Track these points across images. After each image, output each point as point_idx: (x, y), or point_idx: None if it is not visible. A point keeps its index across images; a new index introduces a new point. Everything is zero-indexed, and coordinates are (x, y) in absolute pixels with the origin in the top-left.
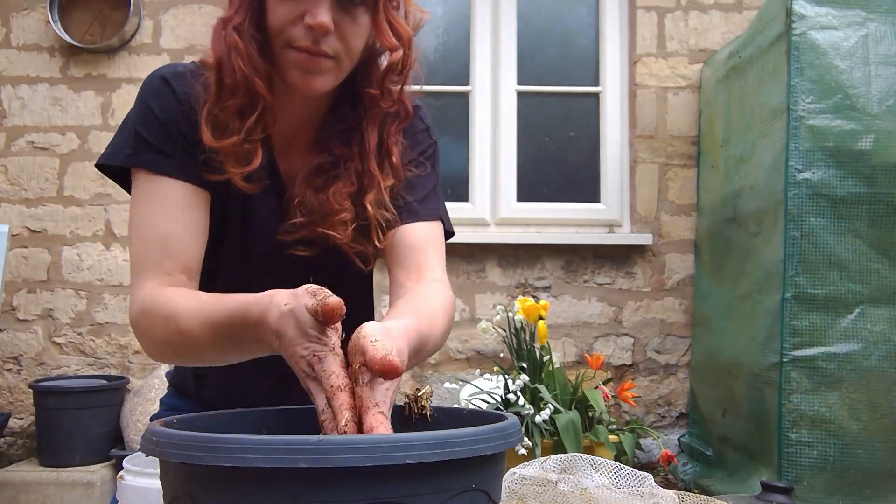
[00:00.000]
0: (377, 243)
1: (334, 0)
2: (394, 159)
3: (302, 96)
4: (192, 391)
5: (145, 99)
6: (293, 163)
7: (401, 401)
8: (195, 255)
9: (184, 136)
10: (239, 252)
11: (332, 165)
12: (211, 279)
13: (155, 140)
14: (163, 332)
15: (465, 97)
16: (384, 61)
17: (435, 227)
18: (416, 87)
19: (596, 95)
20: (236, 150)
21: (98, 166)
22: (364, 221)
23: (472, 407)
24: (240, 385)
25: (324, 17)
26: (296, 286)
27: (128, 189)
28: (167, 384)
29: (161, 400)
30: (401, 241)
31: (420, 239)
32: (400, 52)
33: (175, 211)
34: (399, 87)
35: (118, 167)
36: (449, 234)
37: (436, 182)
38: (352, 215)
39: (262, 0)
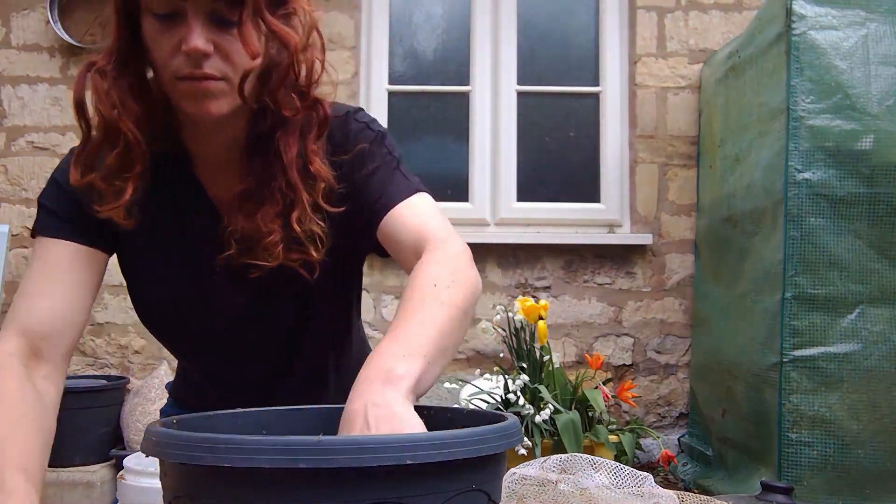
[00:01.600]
0: (314, 255)
1: (207, 23)
2: (313, 167)
3: (205, 123)
4: (192, 402)
5: (54, 174)
6: (223, 189)
7: None
8: (62, 314)
9: (83, 204)
10: (194, 286)
11: (259, 188)
12: (176, 330)
13: (53, 206)
14: None
15: (465, 97)
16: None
17: (414, 201)
18: (417, 88)
19: (596, 95)
20: (106, 186)
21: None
22: (292, 241)
23: (472, 407)
24: (238, 395)
25: (196, 41)
26: (260, 305)
27: None
28: (167, 395)
29: (161, 410)
30: (388, 233)
31: (405, 221)
32: (284, 57)
33: (52, 270)
34: (298, 92)
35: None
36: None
37: (395, 166)
38: (279, 236)
39: (137, 44)
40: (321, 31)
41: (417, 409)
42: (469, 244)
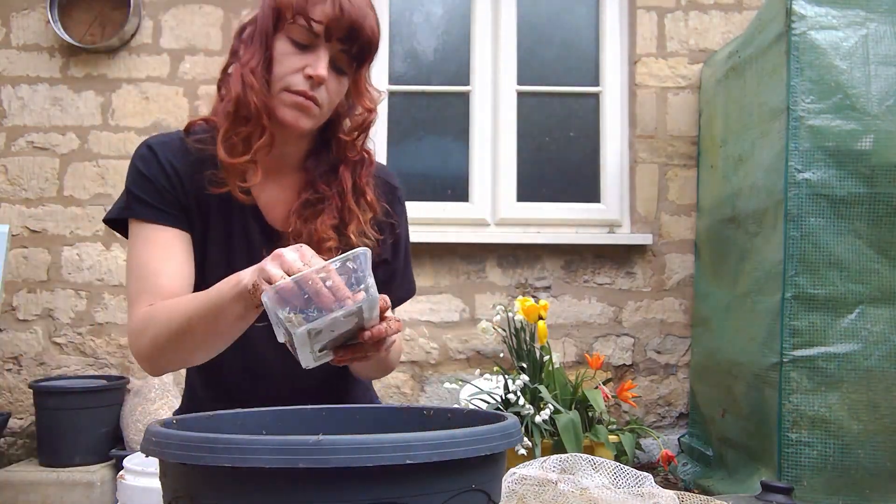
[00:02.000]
0: None
1: (330, 63)
2: (368, 197)
3: (286, 133)
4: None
5: (135, 163)
6: (272, 194)
7: (391, 398)
8: (182, 285)
9: (167, 192)
10: (222, 273)
11: (318, 201)
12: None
13: (144, 195)
14: (162, 326)
15: (465, 97)
16: (357, 118)
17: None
18: (417, 88)
19: (596, 95)
20: (243, 167)
21: (105, 221)
22: (348, 249)
23: (471, 407)
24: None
25: (323, 70)
26: None
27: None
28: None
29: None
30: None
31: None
32: (373, 115)
33: (161, 251)
34: (363, 140)
35: (120, 220)
36: (413, 292)
37: (407, 261)
38: (336, 243)
39: (271, 52)
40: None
41: (417, 409)
42: (469, 244)
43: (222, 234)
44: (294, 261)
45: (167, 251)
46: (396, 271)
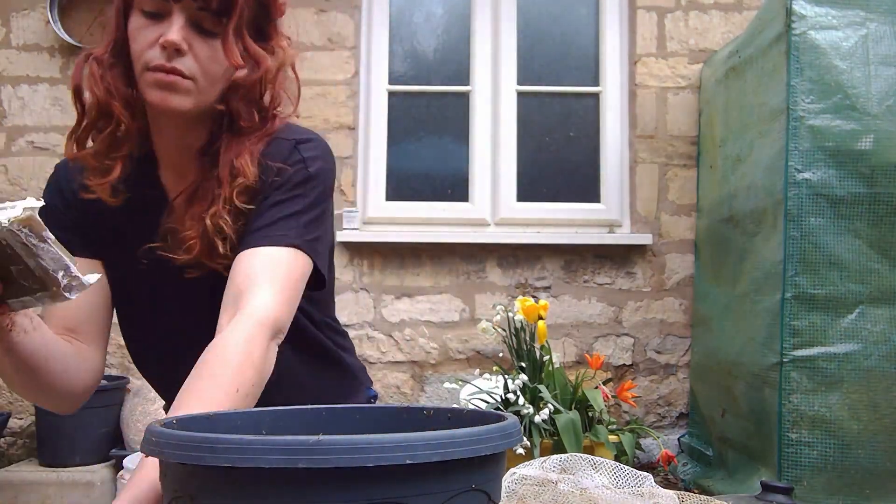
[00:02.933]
0: (222, 251)
1: (188, 25)
2: (238, 160)
3: (167, 116)
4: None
5: (45, 192)
6: (176, 187)
7: None
8: (87, 314)
9: (66, 215)
10: (138, 282)
11: (196, 189)
12: (126, 317)
13: (49, 223)
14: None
15: (465, 97)
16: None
17: (277, 253)
18: (417, 88)
19: (596, 95)
20: (96, 163)
21: None
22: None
23: (471, 407)
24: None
25: (174, 35)
26: (202, 306)
27: None
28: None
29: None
30: (234, 265)
31: (251, 266)
32: (255, 73)
33: None
34: (255, 108)
35: None
36: (320, 282)
37: (297, 210)
38: (197, 233)
39: (125, 34)
40: (297, 72)
41: (416, 409)
42: (469, 244)
43: (138, 237)
44: None
45: None
46: (265, 210)
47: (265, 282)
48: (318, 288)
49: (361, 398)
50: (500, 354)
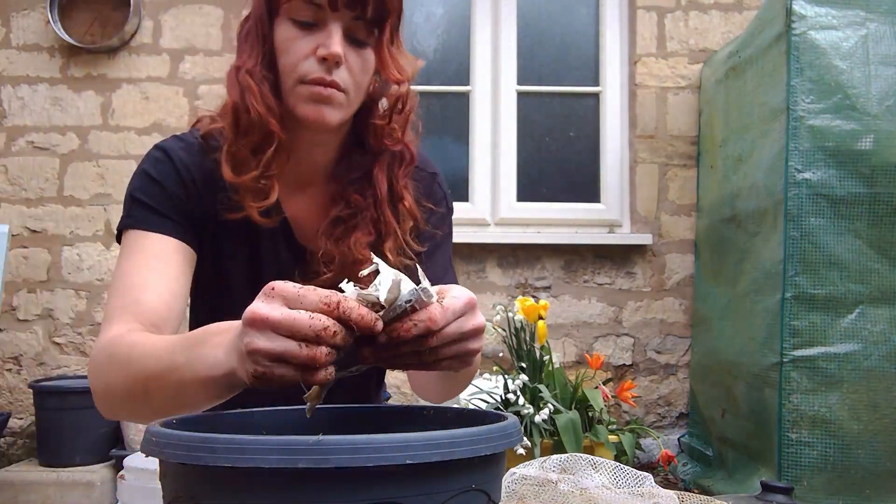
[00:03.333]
0: None
1: (345, 36)
2: (406, 203)
3: (314, 131)
4: None
5: (144, 167)
6: (301, 207)
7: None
8: (168, 305)
9: (178, 199)
10: (248, 292)
11: (350, 216)
12: (213, 306)
13: (150, 200)
14: (119, 371)
15: (465, 97)
16: (390, 95)
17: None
18: (417, 88)
19: (596, 95)
20: (254, 185)
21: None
22: None
23: (471, 407)
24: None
25: (336, 47)
26: None
27: None
28: None
29: None
30: None
31: None
32: (405, 87)
33: (153, 261)
34: (402, 124)
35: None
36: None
37: (450, 252)
38: (368, 261)
39: (273, 43)
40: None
41: (417, 409)
42: (469, 244)
43: (246, 256)
44: (283, 319)
45: (160, 262)
46: (437, 266)
47: None
48: None
49: (380, 398)
50: (501, 354)
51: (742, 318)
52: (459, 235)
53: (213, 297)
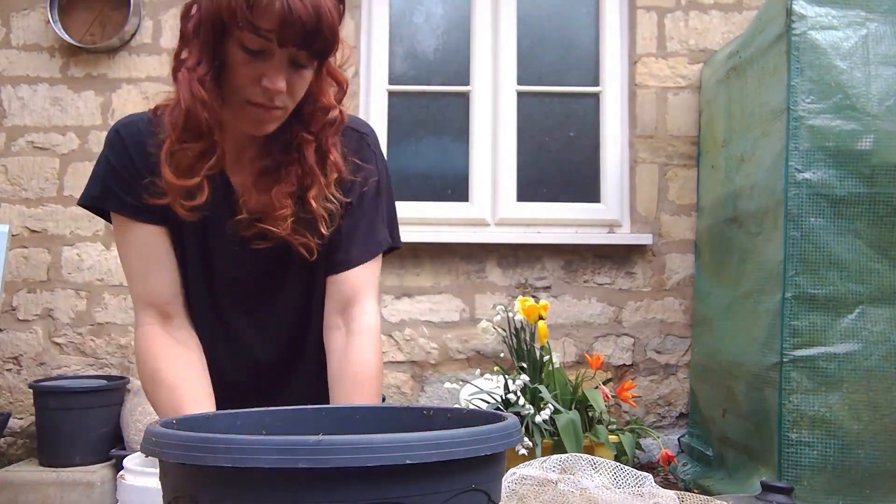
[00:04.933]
0: (323, 231)
1: (288, 62)
2: (331, 157)
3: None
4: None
5: (105, 153)
6: (240, 172)
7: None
8: (170, 285)
9: (136, 181)
10: (202, 254)
11: (275, 170)
12: (182, 276)
13: (118, 189)
14: (143, 376)
15: (465, 97)
16: (321, 105)
17: (369, 267)
18: (417, 88)
19: (596, 95)
20: (184, 186)
21: (82, 204)
22: (308, 216)
23: (472, 407)
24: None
25: (280, 83)
26: (252, 273)
27: (106, 219)
28: None
29: None
30: (334, 287)
31: (352, 285)
32: (335, 112)
33: (142, 252)
34: (331, 126)
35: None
36: (394, 248)
37: (381, 211)
38: (290, 211)
39: (223, 58)
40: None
41: (417, 409)
42: (469, 244)
43: (196, 223)
44: None
45: (148, 254)
46: (360, 221)
47: (370, 295)
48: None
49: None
50: (501, 354)
51: (742, 318)
52: (459, 235)
53: (177, 251)
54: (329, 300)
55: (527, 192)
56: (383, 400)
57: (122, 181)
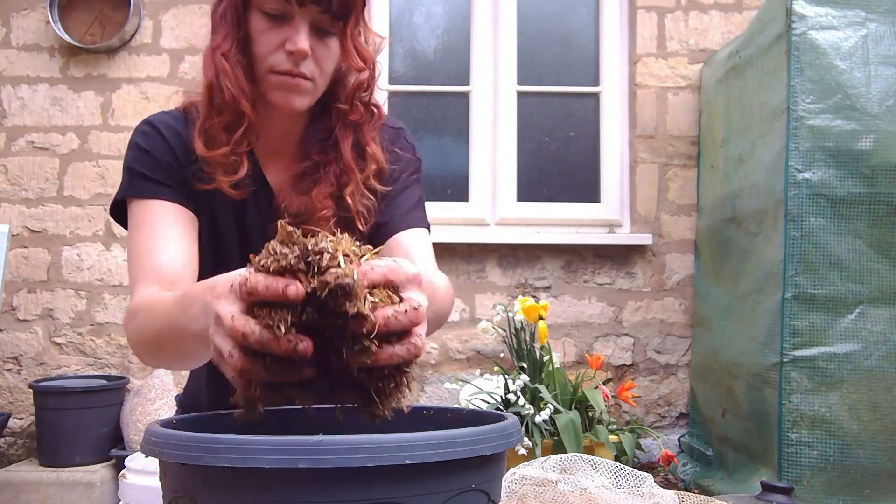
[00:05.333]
0: (361, 228)
1: (311, 27)
2: (369, 149)
3: (283, 114)
4: (207, 402)
5: (135, 140)
6: (279, 173)
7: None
8: (184, 265)
9: (171, 166)
10: (239, 256)
11: (313, 170)
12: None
13: (146, 170)
14: (140, 332)
15: (465, 97)
16: (352, 80)
17: (423, 234)
18: (417, 88)
19: (596, 95)
20: (225, 160)
21: (110, 213)
22: (347, 214)
23: (472, 407)
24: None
25: (303, 43)
26: None
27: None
28: (168, 397)
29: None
30: (391, 246)
31: (411, 244)
32: (366, 73)
33: (161, 228)
34: (366, 100)
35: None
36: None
37: (420, 195)
38: (332, 212)
39: (247, 30)
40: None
41: (417, 409)
42: (469, 244)
43: (234, 221)
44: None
45: (168, 228)
46: (400, 199)
47: (426, 256)
48: None
49: None
50: (501, 354)
51: (742, 318)
52: (459, 235)
53: (211, 258)
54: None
55: (527, 191)
56: None
57: (154, 165)
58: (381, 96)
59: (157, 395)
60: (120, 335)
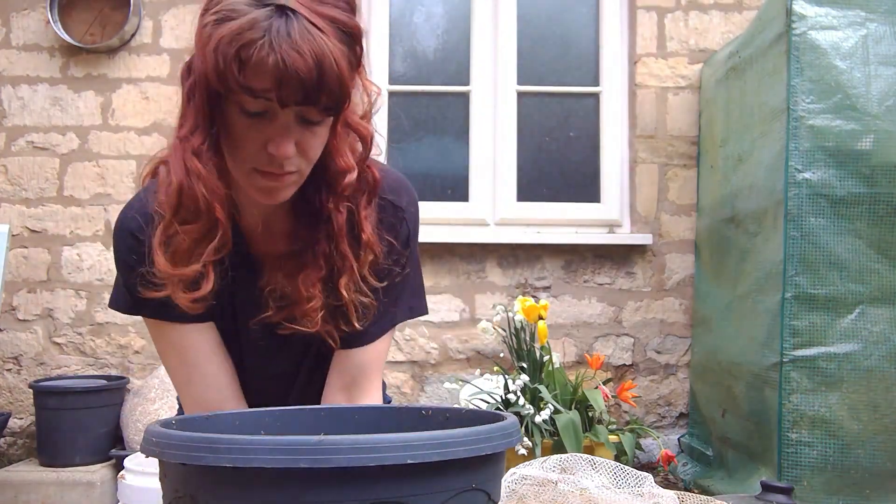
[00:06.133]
0: (356, 325)
1: (296, 121)
2: (364, 236)
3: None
4: None
5: (120, 251)
6: (266, 246)
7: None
8: (218, 387)
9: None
10: (231, 335)
11: (301, 252)
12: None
13: (152, 294)
14: None
15: (464, 97)
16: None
17: (381, 341)
18: (417, 88)
19: (596, 95)
20: (191, 277)
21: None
22: (338, 303)
23: (472, 407)
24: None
25: (288, 148)
26: (281, 359)
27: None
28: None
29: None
30: (340, 360)
31: (360, 362)
32: (352, 174)
33: (187, 354)
34: (355, 181)
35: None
36: (421, 313)
37: (412, 279)
38: (320, 302)
39: (223, 124)
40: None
41: (417, 409)
42: (469, 244)
43: (226, 293)
44: None
45: (191, 355)
46: (383, 298)
47: (377, 373)
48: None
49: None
50: (501, 354)
51: (742, 318)
52: (459, 235)
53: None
54: (333, 372)
55: (527, 191)
56: (389, 402)
57: (143, 284)
58: (376, 139)
59: (157, 395)
60: (120, 335)
